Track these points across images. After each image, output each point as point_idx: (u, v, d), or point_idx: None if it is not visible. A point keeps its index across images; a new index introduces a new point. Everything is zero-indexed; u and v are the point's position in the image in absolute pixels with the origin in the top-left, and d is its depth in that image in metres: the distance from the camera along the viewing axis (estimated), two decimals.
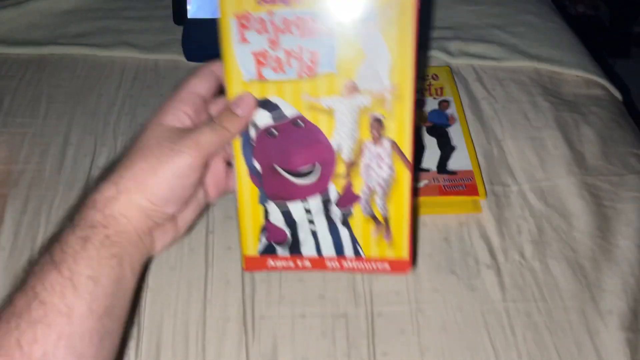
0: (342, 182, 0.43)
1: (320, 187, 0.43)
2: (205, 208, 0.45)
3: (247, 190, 0.43)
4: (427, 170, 0.57)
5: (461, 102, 0.66)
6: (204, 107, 0.42)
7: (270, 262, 0.45)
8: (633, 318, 0.49)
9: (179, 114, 0.40)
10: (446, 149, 0.60)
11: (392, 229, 0.43)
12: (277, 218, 0.44)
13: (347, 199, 0.43)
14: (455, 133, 0.61)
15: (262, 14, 0.37)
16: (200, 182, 0.41)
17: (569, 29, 0.82)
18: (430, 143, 0.60)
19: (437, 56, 0.74)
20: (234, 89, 0.40)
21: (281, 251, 0.45)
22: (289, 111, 0.41)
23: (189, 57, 0.73)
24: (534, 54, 0.75)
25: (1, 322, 0.33)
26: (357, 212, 0.44)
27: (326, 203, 0.44)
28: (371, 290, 0.51)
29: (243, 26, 0.37)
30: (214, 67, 0.42)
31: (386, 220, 0.43)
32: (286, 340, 0.48)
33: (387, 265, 0.45)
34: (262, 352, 0.48)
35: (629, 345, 0.47)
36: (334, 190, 0.43)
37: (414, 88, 0.39)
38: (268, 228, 0.44)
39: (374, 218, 0.43)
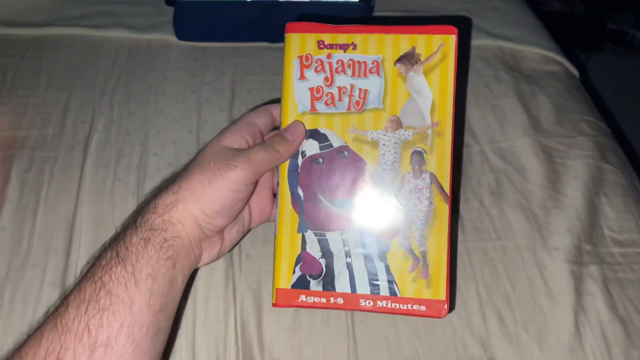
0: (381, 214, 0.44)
1: (360, 218, 0.44)
2: (246, 232, 0.50)
3: (288, 216, 0.44)
4: None
5: None
6: (260, 136, 0.47)
7: (302, 297, 0.44)
8: (577, 253, 0.55)
9: (237, 137, 0.45)
10: None
11: (430, 265, 0.43)
12: (314, 248, 0.44)
13: (385, 231, 0.44)
14: None
15: (321, 57, 0.43)
16: (248, 201, 0.45)
17: (532, 12, 0.89)
18: None
19: None
20: (288, 119, 0.45)
21: (314, 285, 0.44)
22: (336, 141, 0.44)
23: (180, 36, 0.79)
24: (497, 34, 0.81)
25: (72, 307, 0.37)
26: (395, 247, 0.43)
27: (364, 234, 0.44)
28: None
29: (304, 66, 0.43)
30: (271, 107, 0.48)
31: (424, 255, 0.43)
32: (270, 276, 0.54)
33: (423, 308, 0.43)
34: (248, 285, 0.53)
35: (573, 276, 0.54)
36: (373, 222, 0.44)
37: (453, 126, 0.44)
38: (304, 258, 0.44)
39: (412, 253, 0.43)
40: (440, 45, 0.44)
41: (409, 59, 0.44)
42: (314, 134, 0.45)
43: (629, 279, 0.54)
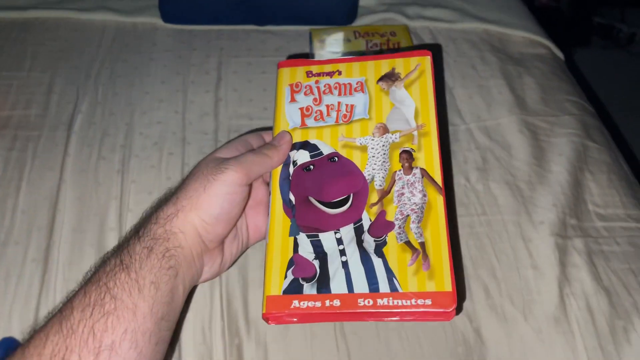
0: (375, 211, 0.43)
1: (353, 217, 0.43)
2: (245, 249, 0.49)
3: (279, 222, 0.43)
4: None
5: None
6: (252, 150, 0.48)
7: (295, 302, 0.40)
8: (562, 226, 0.56)
9: (230, 149, 0.46)
10: None
11: (431, 256, 0.41)
12: (306, 250, 0.42)
13: (380, 225, 0.43)
14: None
15: (310, 83, 0.47)
16: (244, 207, 0.45)
17: None
18: None
19: (395, 19, 0.81)
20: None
21: (308, 289, 0.40)
22: (326, 150, 0.45)
23: (166, 19, 0.78)
24: (484, 17, 0.82)
25: (77, 310, 0.37)
26: (392, 241, 0.42)
27: (359, 231, 0.42)
28: None
29: (294, 91, 0.46)
30: (262, 132, 0.49)
31: (423, 246, 0.41)
32: (256, 249, 0.54)
33: (428, 301, 0.39)
34: None
35: (558, 248, 0.54)
36: (367, 219, 0.43)
37: (437, 127, 0.45)
38: (297, 261, 0.41)
39: (409, 245, 0.41)
40: (417, 65, 0.48)
41: (389, 77, 0.48)
42: (305, 145, 0.46)
43: (613, 251, 0.55)
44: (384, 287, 0.40)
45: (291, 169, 0.45)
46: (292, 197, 0.44)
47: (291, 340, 0.48)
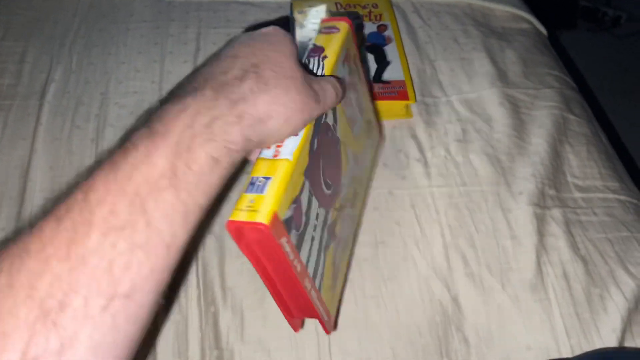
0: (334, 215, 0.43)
1: (328, 205, 0.42)
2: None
3: (304, 154, 0.37)
4: None
5: (398, 26, 0.71)
6: None
7: (284, 240, 0.34)
8: (540, 197, 0.56)
9: None
10: (382, 63, 0.65)
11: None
12: (304, 200, 0.38)
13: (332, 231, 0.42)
14: (391, 51, 0.67)
15: None
16: None
17: None
18: (369, 58, 0.65)
19: None
20: None
21: (293, 237, 0.36)
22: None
23: None
24: None
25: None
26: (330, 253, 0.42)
27: (325, 222, 0.41)
28: None
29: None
30: None
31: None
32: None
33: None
34: (210, 229, 0.52)
35: (536, 218, 0.54)
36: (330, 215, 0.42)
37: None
38: (298, 204, 0.37)
39: None
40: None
41: None
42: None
43: (591, 221, 0.55)
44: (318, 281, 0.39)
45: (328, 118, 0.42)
46: (315, 145, 0.39)
47: (268, 307, 0.48)
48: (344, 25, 0.45)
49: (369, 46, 0.67)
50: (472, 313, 0.49)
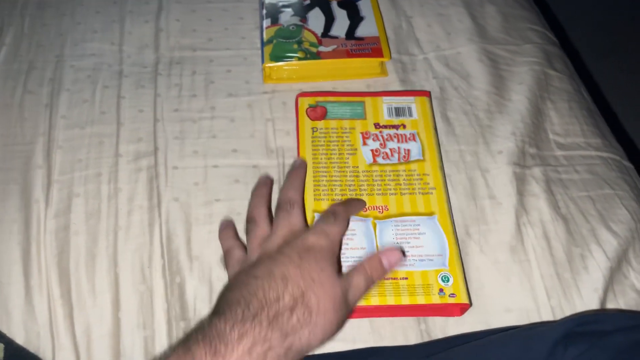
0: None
1: None
2: None
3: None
4: (336, 37, 0.59)
5: None
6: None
7: None
8: (521, 155, 0.54)
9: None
10: (355, 19, 0.62)
11: None
12: None
13: None
14: (364, 6, 0.63)
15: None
16: None
17: None
18: (341, 14, 0.62)
19: None
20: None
21: None
22: None
23: None
24: None
25: None
26: None
27: None
28: (283, 145, 0.54)
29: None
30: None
31: None
32: (199, 186, 0.50)
33: None
34: (175, 197, 0.49)
35: (516, 178, 0.52)
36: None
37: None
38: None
39: None
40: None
41: None
42: None
43: (573, 179, 0.53)
44: None
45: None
46: None
47: None
48: None
49: (342, 1, 0.64)
50: None
